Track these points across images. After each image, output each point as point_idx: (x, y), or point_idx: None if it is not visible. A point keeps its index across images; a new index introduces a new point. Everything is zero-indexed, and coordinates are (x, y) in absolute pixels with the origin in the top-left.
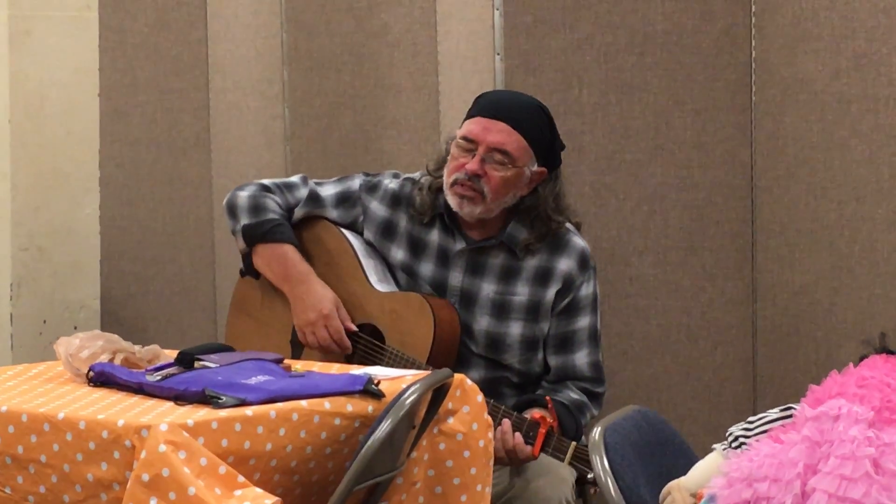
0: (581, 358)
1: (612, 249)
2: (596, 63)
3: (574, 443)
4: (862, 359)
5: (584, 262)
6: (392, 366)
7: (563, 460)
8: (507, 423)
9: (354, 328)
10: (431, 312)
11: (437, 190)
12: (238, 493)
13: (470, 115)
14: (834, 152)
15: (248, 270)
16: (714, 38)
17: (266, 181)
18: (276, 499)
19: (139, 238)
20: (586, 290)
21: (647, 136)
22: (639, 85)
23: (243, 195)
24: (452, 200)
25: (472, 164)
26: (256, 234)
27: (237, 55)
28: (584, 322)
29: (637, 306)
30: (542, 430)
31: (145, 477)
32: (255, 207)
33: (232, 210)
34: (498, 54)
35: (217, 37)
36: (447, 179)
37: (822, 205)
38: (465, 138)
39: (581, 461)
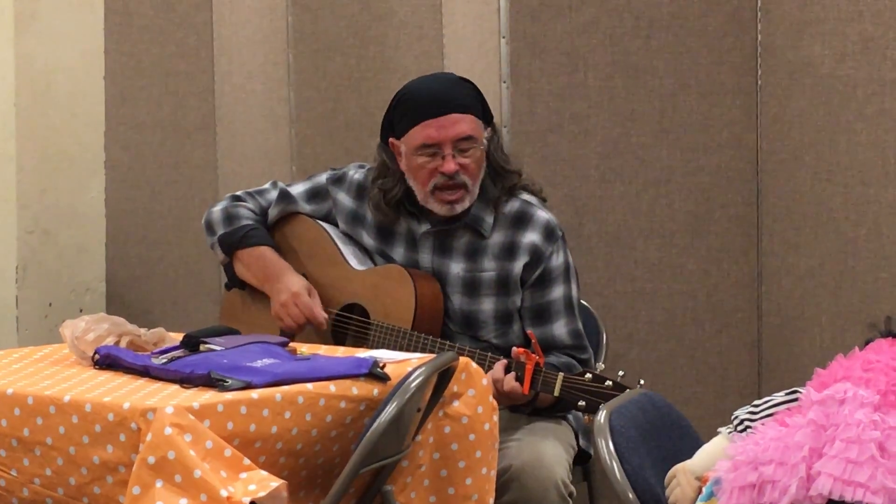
0: (559, 328)
1: (618, 233)
2: (601, 46)
3: (561, 374)
4: (867, 342)
5: (549, 233)
6: (379, 339)
7: (552, 393)
8: (499, 364)
9: (325, 315)
10: (411, 279)
11: (391, 198)
12: (243, 475)
13: (410, 123)
14: (839, 136)
15: (233, 281)
16: (720, 22)
17: (238, 192)
18: (281, 481)
19: (144, 221)
20: (556, 260)
21: (653, 119)
22: (644, 68)
23: (217, 210)
24: (439, 208)
25: (449, 165)
26: (233, 242)
27: (242, 38)
28: (557, 292)
29: (642, 290)
30: (529, 367)
31: (151, 459)
32: (229, 217)
33: (209, 226)
34: (503, 37)
35: (222, 19)
36: (423, 189)
37: (827, 188)
38: (424, 146)
39: (570, 392)
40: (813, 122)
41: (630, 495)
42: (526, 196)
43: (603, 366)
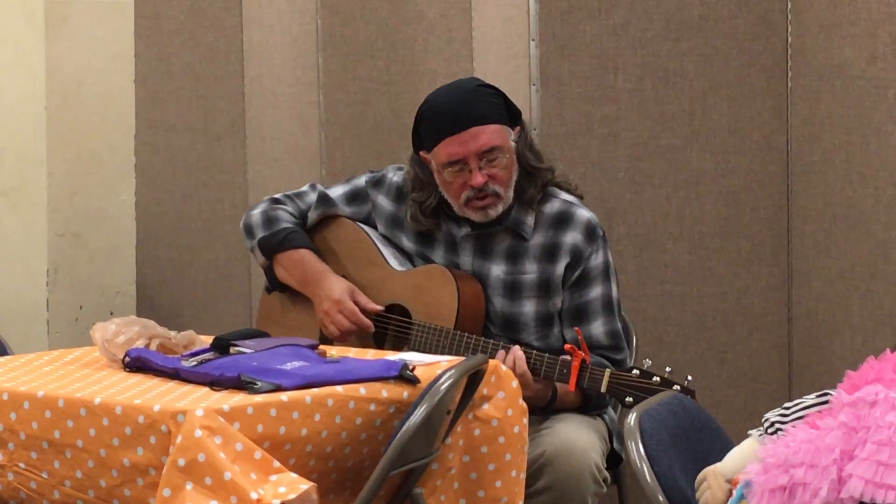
0: (597, 328)
1: (648, 235)
2: (631, 49)
3: (608, 370)
4: None
5: (590, 233)
6: (421, 339)
7: (599, 390)
8: (517, 349)
9: (377, 307)
10: (454, 279)
11: (427, 208)
12: (273, 478)
13: (434, 140)
14: (870, 138)
15: (273, 284)
16: (750, 24)
17: (276, 195)
18: (311, 484)
19: (174, 224)
20: (596, 260)
21: (683, 121)
22: (674, 70)
23: (256, 213)
24: (474, 215)
25: (477, 179)
26: (273, 245)
27: (272, 41)
28: (596, 292)
29: (672, 292)
30: (575, 364)
31: (181, 462)
32: (269, 221)
33: (248, 229)
34: (533, 40)
35: (252, 23)
36: (456, 202)
37: (858, 190)
38: (450, 163)
39: (618, 388)
40: (844, 125)
41: (660, 498)
42: (564, 195)
43: (650, 361)
